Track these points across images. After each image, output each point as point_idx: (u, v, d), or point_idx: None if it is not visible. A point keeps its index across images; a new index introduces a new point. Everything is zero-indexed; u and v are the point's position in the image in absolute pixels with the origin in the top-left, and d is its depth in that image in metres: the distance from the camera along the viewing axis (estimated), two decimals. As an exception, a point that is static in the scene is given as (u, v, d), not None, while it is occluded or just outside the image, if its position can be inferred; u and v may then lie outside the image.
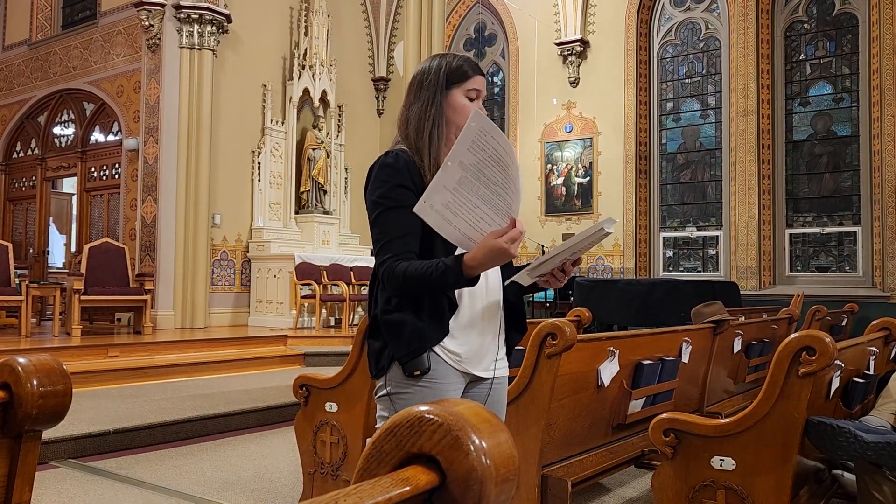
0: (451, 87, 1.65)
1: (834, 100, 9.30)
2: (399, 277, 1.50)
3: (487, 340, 1.63)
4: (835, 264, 9.18)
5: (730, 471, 2.12)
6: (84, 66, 9.94)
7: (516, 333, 1.72)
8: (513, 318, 1.70)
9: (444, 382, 1.56)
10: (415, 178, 1.57)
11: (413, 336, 1.52)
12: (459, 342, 1.57)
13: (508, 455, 0.58)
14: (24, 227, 11.00)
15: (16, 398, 1.04)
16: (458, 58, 1.70)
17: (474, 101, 1.67)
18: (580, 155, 10.68)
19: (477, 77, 1.68)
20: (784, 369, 2.07)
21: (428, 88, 1.66)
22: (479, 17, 12.09)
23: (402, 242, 1.53)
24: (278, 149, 9.84)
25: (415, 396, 1.54)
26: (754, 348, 4.52)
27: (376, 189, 1.59)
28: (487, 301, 1.62)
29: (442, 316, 1.54)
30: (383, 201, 1.56)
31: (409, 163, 1.59)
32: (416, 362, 1.53)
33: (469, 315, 1.59)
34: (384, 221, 1.56)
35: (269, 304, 9.28)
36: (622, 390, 2.94)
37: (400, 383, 1.56)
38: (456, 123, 1.65)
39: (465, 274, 1.43)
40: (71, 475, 3.69)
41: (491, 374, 1.64)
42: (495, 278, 1.66)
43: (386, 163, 1.60)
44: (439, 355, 1.55)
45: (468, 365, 1.59)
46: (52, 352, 5.76)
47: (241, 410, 4.93)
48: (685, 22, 10.28)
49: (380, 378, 1.60)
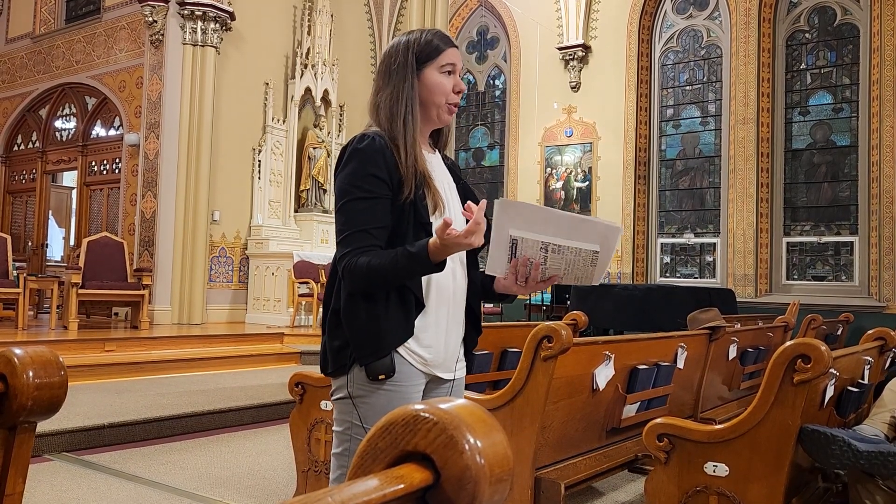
0: (423, 65, 1.54)
1: (833, 109, 9.32)
2: (361, 272, 1.41)
3: (452, 341, 1.56)
4: (831, 273, 9.20)
5: (723, 477, 2.13)
6: (87, 61, 9.94)
7: (474, 333, 1.65)
8: (471, 323, 1.63)
9: (407, 385, 1.48)
10: (389, 166, 1.47)
11: (377, 337, 1.43)
12: (425, 343, 1.50)
13: (503, 455, 0.59)
14: (23, 219, 10.99)
15: (11, 389, 1.05)
16: (426, 32, 1.58)
17: (451, 76, 1.57)
18: (580, 159, 10.69)
19: (449, 50, 1.56)
20: (779, 376, 2.08)
21: (397, 72, 1.54)
22: (482, 20, 12.11)
23: (366, 235, 1.43)
24: (279, 147, 9.84)
25: (379, 400, 1.46)
26: (749, 355, 4.53)
27: (345, 176, 1.48)
28: (454, 301, 1.55)
29: (408, 315, 1.46)
30: (351, 190, 1.46)
31: (384, 148, 1.48)
32: (380, 365, 1.44)
33: (435, 316, 1.51)
34: (349, 212, 1.46)
35: (266, 301, 9.28)
36: (617, 394, 2.95)
37: (363, 386, 1.47)
38: (434, 103, 1.55)
39: (433, 259, 1.36)
40: (65, 468, 3.69)
41: (452, 376, 1.58)
42: (462, 279, 1.58)
43: (358, 148, 1.49)
44: (403, 357, 1.47)
45: (433, 367, 1.52)
46: (48, 345, 5.75)
47: (236, 407, 4.93)
48: (687, 29, 10.31)
49: (337, 377, 1.51)
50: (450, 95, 1.56)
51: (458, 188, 1.63)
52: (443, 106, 1.56)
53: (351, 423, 1.49)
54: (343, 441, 1.50)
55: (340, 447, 1.51)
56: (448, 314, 1.54)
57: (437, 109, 1.56)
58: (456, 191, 1.62)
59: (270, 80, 9.76)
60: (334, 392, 1.52)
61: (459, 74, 1.60)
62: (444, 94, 1.55)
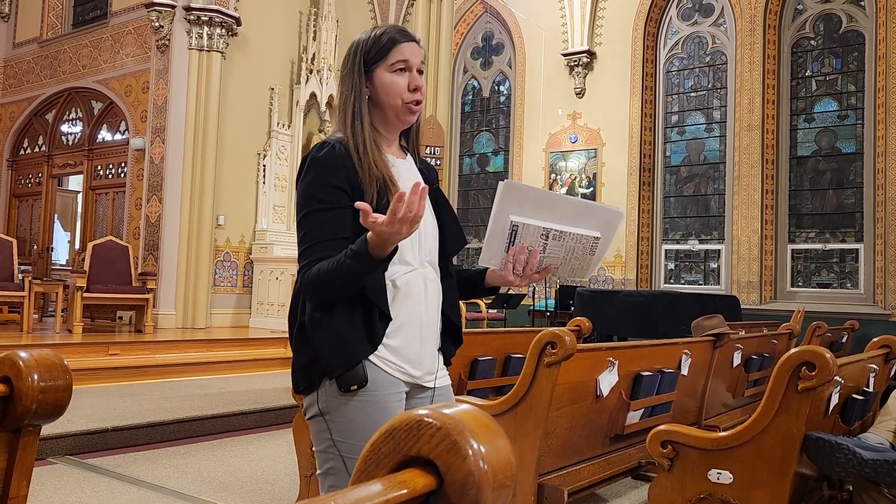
0: (373, 66, 1.47)
1: (839, 117, 9.31)
2: (314, 280, 1.36)
3: (428, 348, 1.49)
4: (836, 281, 9.17)
5: (727, 484, 2.12)
6: (93, 65, 9.99)
7: (451, 345, 1.58)
8: (448, 329, 1.56)
9: (384, 393, 1.41)
10: (349, 174, 1.41)
11: (345, 347, 1.37)
12: (397, 349, 1.43)
13: (506, 461, 0.59)
14: (28, 223, 11.04)
15: (16, 392, 1.05)
16: (377, 30, 1.50)
17: (405, 73, 1.48)
18: (584, 165, 10.69)
19: (401, 45, 1.47)
20: (783, 384, 2.07)
21: (349, 76, 1.49)
22: (487, 26, 12.14)
23: (324, 246, 1.38)
24: (284, 152, 9.87)
25: (355, 412, 1.39)
26: (754, 362, 4.52)
27: (304, 188, 1.43)
28: (426, 306, 1.49)
29: (373, 327, 1.39)
30: (310, 201, 1.41)
31: (343, 156, 1.42)
32: (351, 376, 1.37)
33: (407, 320, 1.45)
34: (308, 223, 1.41)
35: (270, 306, 9.29)
36: (620, 401, 2.94)
37: (335, 400, 1.39)
38: (390, 105, 1.48)
39: (374, 254, 1.29)
40: (68, 472, 3.69)
41: (432, 384, 1.52)
42: (434, 283, 1.51)
43: (316, 157, 1.43)
44: (375, 364, 1.40)
45: (409, 366, 1.45)
46: (52, 348, 5.77)
47: (239, 411, 4.93)
48: (692, 36, 10.31)
49: (309, 394, 1.43)
50: (406, 94, 1.48)
51: (431, 192, 1.55)
52: (400, 106, 1.49)
53: (331, 441, 1.42)
54: (327, 459, 1.44)
55: (326, 465, 1.44)
56: (421, 320, 1.47)
57: (395, 111, 1.49)
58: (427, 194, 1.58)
59: (276, 85, 9.79)
60: (307, 410, 1.45)
61: (417, 69, 1.49)
62: (398, 95, 1.47)
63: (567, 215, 1.46)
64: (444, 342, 1.56)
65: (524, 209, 1.44)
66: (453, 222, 1.58)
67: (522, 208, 1.44)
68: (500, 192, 1.44)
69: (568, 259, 1.51)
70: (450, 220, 1.57)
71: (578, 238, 1.49)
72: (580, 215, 1.47)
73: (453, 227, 1.57)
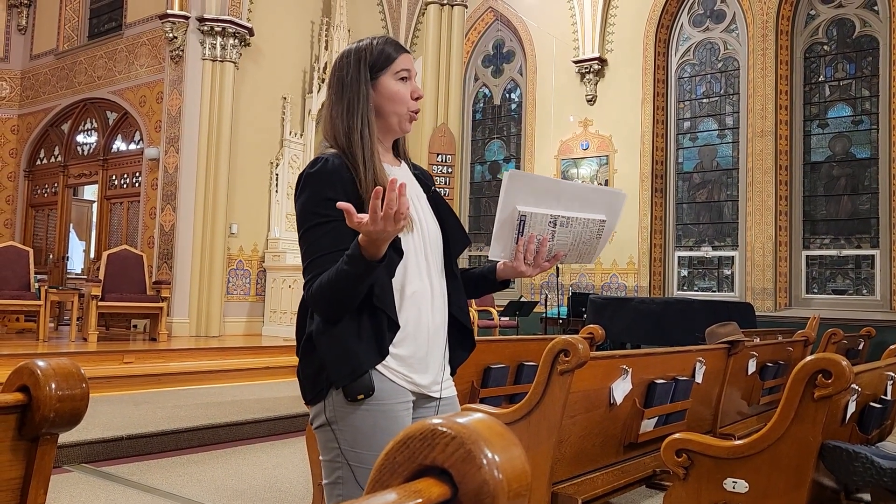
0: (378, 75, 1.50)
1: (853, 122, 9.24)
2: (317, 292, 1.36)
3: (433, 354, 1.48)
4: (852, 287, 9.08)
5: (742, 493, 2.10)
6: (108, 76, 10.11)
7: (462, 351, 1.57)
8: (457, 331, 1.55)
9: (391, 402, 1.41)
10: (346, 186, 1.42)
11: (352, 356, 1.37)
12: (402, 354, 1.43)
13: (521, 470, 0.58)
14: (44, 232, 11.16)
15: (34, 401, 1.06)
16: (377, 40, 1.53)
17: (407, 82, 1.52)
18: (596, 172, 10.67)
19: (402, 56, 1.51)
20: (799, 392, 2.05)
21: (351, 86, 1.49)
22: (498, 34, 12.17)
23: (325, 259, 1.38)
24: (296, 161, 9.93)
25: (362, 421, 1.39)
26: (769, 370, 4.48)
27: (302, 204, 1.44)
28: (433, 316, 1.48)
29: (381, 334, 1.39)
30: (309, 216, 1.42)
31: (341, 169, 1.43)
32: (358, 385, 1.37)
33: (413, 327, 1.45)
34: (309, 238, 1.42)
35: (283, 314, 9.32)
36: (634, 409, 2.92)
37: (342, 409, 1.40)
38: (395, 112, 1.51)
39: (367, 256, 1.28)
40: (83, 480, 3.72)
41: (438, 394, 1.51)
42: (440, 287, 1.51)
43: (311, 173, 1.44)
44: (382, 372, 1.41)
45: (415, 375, 1.45)
46: (68, 357, 5.82)
47: (253, 419, 4.94)
48: (703, 42, 10.29)
49: (316, 404, 1.44)
50: (409, 103, 1.51)
51: (429, 197, 1.57)
52: (404, 114, 1.52)
53: (339, 450, 1.42)
54: (335, 468, 1.43)
55: (334, 474, 1.44)
56: (428, 329, 1.47)
57: (398, 118, 1.51)
58: (426, 200, 1.56)
59: (288, 95, 9.86)
60: (314, 420, 1.45)
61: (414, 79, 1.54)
62: (403, 103, 1.50)
63: (572, 201, 1.47)
64: (454, 348, 1.56)
65: (530, 198, 1.44)
66: (455, 223, 1.59)
67: (528, 198, 1.44)
68: (505, 183, 1.44)
69: (576, 244, 1.52)
70: (451, 222, 1.58)
71: (585, 223, 1.50)
72: (585, 200, 1.48)
73: (455, 228, 1.58)
